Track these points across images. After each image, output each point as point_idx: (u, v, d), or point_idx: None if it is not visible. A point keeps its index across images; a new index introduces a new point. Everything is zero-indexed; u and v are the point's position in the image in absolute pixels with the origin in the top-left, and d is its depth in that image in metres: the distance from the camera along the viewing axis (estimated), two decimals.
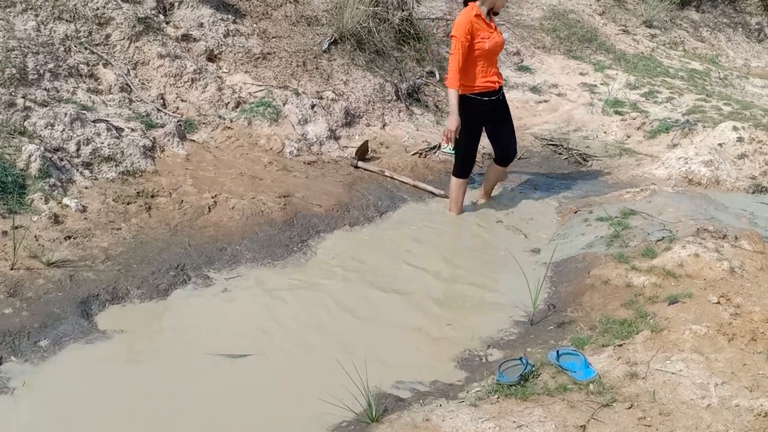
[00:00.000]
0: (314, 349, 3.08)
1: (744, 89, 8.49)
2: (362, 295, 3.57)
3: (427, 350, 3.13)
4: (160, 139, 4.60)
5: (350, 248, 4.08)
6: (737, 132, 5.17)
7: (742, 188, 4.80)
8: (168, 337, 3.12)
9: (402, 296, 3.58)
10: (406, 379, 2.88)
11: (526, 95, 7.27)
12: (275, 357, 3.01)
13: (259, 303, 3.41)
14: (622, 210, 4.26)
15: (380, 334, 3.24)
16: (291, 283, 3.63)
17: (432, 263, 4.02)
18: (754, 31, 11.90)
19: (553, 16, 9.52)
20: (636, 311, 3.14)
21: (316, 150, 5.28)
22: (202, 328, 3.18)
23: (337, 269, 3.83)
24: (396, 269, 3.92)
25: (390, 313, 3.41)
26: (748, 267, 3.37)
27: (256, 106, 5.34)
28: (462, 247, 4.22)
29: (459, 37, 4.08)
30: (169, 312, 3.28)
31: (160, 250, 3.66)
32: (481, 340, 3.19)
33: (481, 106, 4.29)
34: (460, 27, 4.09)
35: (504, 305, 3.52)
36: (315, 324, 3.27)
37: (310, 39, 6.48)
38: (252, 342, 3.10)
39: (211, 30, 5.82)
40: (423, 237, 4.30)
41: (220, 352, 2.98)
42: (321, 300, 3.49)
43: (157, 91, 5.10)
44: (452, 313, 3.43)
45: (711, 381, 2.50)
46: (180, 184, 4.26)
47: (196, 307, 3.34)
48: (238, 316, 3.31)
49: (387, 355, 3.05)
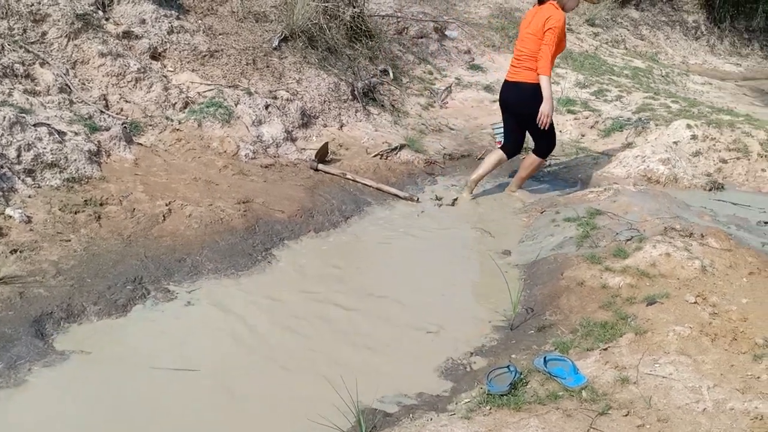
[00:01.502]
0: (291, 363, 2.90)
1: (686, 86, 8.78)
2: (334, 305, 3.40)
3: (409, 361, 3.00)
4: (106, 143, 4.29)
5: (317, 256, 3.91)
6: (691, 130, 5.28)
7: (699, 185, 4.90)
8: (131, 356, 2.87)
9: (376, 304, 3.44)
10: (390, 392, 2.74)
11: (481, 94, 7.25)
12: (250, 374, 2.81)
13: (227, 317, 3.20)
14: (588, 210, 4.26)
15: (357, 345, 3.09)
16: (258, 295, 3.43)
17: (403, 269, 3.90)
18: (691, 29, 12.37)
19: (501, 14, 9.59)
20: (615, 313, 3.11)
21: (272, 152, 5.06)
22: (168, 346, 2.94)
23: (306, 278, 3.65)
24: (367, 276, 3.78)
25: (365, 323, 3.27)
26: (718, 265, 3.41)
27: (206, 107, 5.08)
28: (432, 251, 4.11)
29: (557, 32, 4.37)
30: (130, 329, 3.04)
31: (115, 262, 3.39)
32: (463, 347, 3.09)
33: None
34: (560, 22, 4.39)
35: (481, 310, 3.44)
36: (288, 337, 3.09)
37: (259, 36, 6.24)
38: (223, 359, 2.89)
39: (153, 27, 5.50)
40: (391, 242, 4.18)
41: (190, 370, 2.76)
42: (292, 312, 3.31)
43: (99, 91, 4.76)
44: (430, 321, 3.30)
45: (702, 384, 2.48)
46: (130, 191, 3.98)
47: (159, 323, 3.10)
48: (205, 331, 3.09)
49: (367, 368, 2.91)
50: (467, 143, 6.19)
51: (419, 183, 5.23)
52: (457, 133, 6.38)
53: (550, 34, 4.37)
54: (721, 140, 5.24)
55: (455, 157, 5.83)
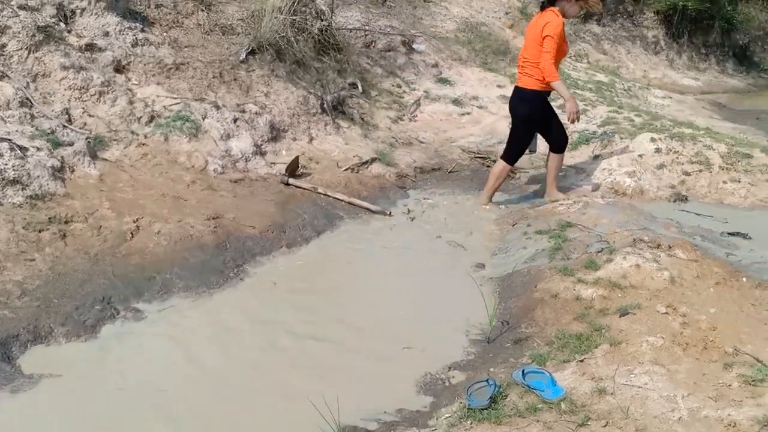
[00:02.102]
0: (267, 383, 2.85)
1: (647, 100, 9.02)
2: (309, 321, 3.36)
3: (387, 376, 2.97)
4: (69, 158, 4.17)
5: (290, 272, 3.86)
6: (655, 143, 5.41)
7: (664, 197, 5.01)
8: (101, 378, 2.77)
9: (352, 320, 3.41)
10: (370, 409, 2.71)
11: (449, 108, 7.32)
12: (223, 395, 2.74)
13: (199, 337, 3.13)
14: (559, 222, 4.31)
15: (334, 362, 3.05)
16: (231, 313, 3.36)
17: (377, 284, 3.88)
18: (651, 43, 12.74)
19: (467, 29, 9.71)
20: (590, 324, 3.14)
21: (242, 167, 5.00)
22: (138, 367, 2.86)
23: (280, 295, 3.60)
24: (341, 292, 3.75)
25: (342, 339, 3.23)
26: (686, 276, 3.48)
27: (173, 121, 4.99)
28: (406, 265, 4.10)
29: (556, 38, 4.46)
30: (100, 351, 2.95)
31: (82, 282, 3.29)
32: (440, 362, 3.07)
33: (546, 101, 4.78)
34: (558, 28, 4.48)
35: (457, 324, 3.43)
36: (263, 357, 3.04)
37: (226, 49, 6.19)
38: (195, 379, 2.82)
39: (117, 39, 5.40)
40: (365, 256, 4.16)
41: (165, 391, 2.68)
42: (266, 330, 3.25)
43: (62, 105, 4.64)
44: (407, 336, 3.28)
45: (677, 393, 2.52)
46: (96, 208, 3.87)
47: (129, 343, 3.01)
48: (176, 351, 3.01)
49: (345, 385, 2.86)
50: (437, 156, 6.23)
51: (391, 196, 5.23)
52: (427, 147, 6.42)
53: (549, 41, 4.47)
54: (684, 153, 5.38)
55: (426, 170, 5.86)
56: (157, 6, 6.13)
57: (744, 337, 2.85)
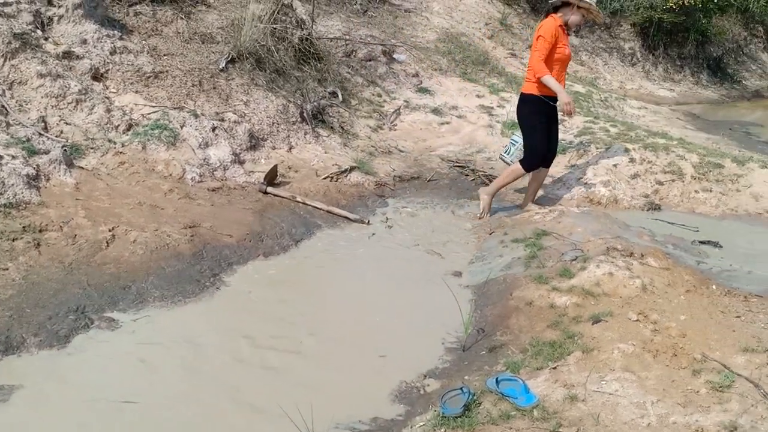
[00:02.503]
0: (241, 393, 2.83)
1: (623, 110, 9.16)
2: (284, 330, 3.36)
3: (362, 386, 2.98)
4: (45, 166, 4.14)
5: (267, 280, 3.86)
6: (629, 153, 5.50)
7: (638, 206, 5.10)
8: (73, 388, 2.74)
9: (326, 329, 3.41)
10: (344, 418, 2.72)
11: (429, 117, 7.37)
12: (197, 405, 2.73)
13: (174, 346, 3.11)
14: (535, 231, 4.37)
15: (308, 372, 3.04)
16: (206, 322, 3.35)
17: (354, 292, 3.89)
18: (628, 55, 12.96)
19: (447, 39, 9.79)
20: (563, 332, 3.19)
21: (220, 175, 4.99)
22: (111, 377, 2.83)
23: (255, 304, 3.59)
24: (317, 301, 3.75)
25: (316, 349, 3.23)
26: (658, 283, 3.54)
27: (151, 129, 4.97)
28: (383, 274, 4.12)
29: (547, 38, 4.61)
30: (73, 361, 2.91)
31: (56, 291, 3.26)
32: (416, 370, 3.10)
33: (546, 108, 4.80)
34: (549, 30, 4.63)
35: (433, 332, 3.45)
36: (238, 366, 3.03)
37: (206, 57, 6.18)
38: (169, 390, 2.80)
39: (95, 47, 5.37)
40: (342, 265, 4.16)
41: (136, 403, 2.66)
42: (241, 339, 3.24)
43: (38, 113, 4.60)
44: (383, 344, 3.30)
45: (647, 399, 2.56)
46: (71, 217, 3.84)
47: (102, 353, 2.98)
48: (150, 361, 2.98)
49: (319, 395, 2.86)
50: (417, 165, 6.26)
51: (370, 205, 5.25)
52: (407, 155, 6.45)
53: (540, 41, 4.65)
54: (657, 163, 5.48)
55: (405, 179, 5.89)
56: (136, 14, 6.12)
57: (713, 343, 2.91)
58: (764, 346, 2.79)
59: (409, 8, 10.92)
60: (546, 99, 4.79)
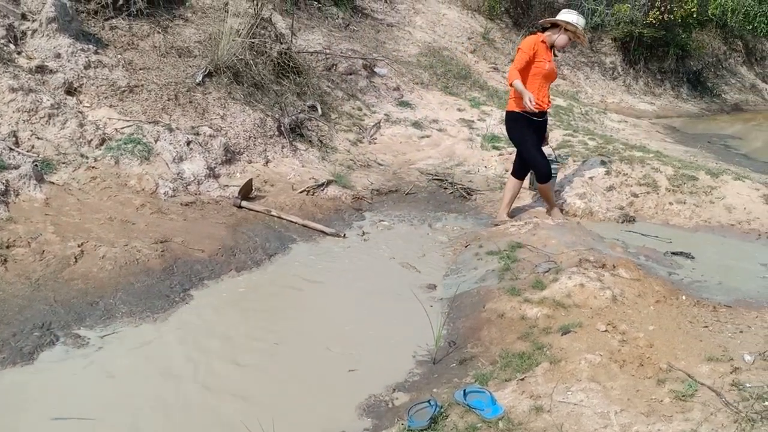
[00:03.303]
0: (204, 409, 2.79)
1: (603, 124, 9.23)
2: (255, 346, 3.32)
3: (331, 400, 2.95)
4: (14, 181, 4.10)
5: (238, 295, 3.82)
6: (605, 166, 5.53)
7: (613, 218, 5.12)
8: (34, 406, 2.69)
9: (299, 344, 3.38)
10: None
11: (409, 130, 7.38)
12: (157, 421, 2.69)
13: (139, 362, 3.06)
14: (510, 243, 4.37)
15: (278, 387, 3.01)
16: (174, 338, 3.31)
17: (328, 306, 3.86)
18: (609, 69, 13.10)
19: (429, 53, 9.86)
20: (532, 343, 3.18)
21: (194, 190, 4.96)
22: (73, 395, 2.78)
23: (225, 319, 3.55)
24: (290, 315, 3.72)
25: (287, 364, 3.20)
26: (628, 294, 3.55)
27: (124, 143, 4.94)
28: (357, 287, 4.09)
29: (524, 50, 4.80)
30: (36, 378, 2.86)
31: (21, 307, 3.22)
32: (385, 383, 3.07)
33: (529, 122, 4.92)
34: (528, 44, 4.84)
35: (405, 345, 3.43)
36: (205, 382, 2.98)
37: (182, 71, 6.17)
38: (131, 406, 2.75)
39: (69, 61, 5.35)
40: (316, 278, 4.14)
41: (96, 420, 2.61)
42: (209, 355, 3.20)
43: (9, 128, 4.56)
44: (353, 358, 3.27)
45: (610, 409, 2.55)
46: (40, 232, 3.79)
47: (67, 370, 2.94)
48: (117, 378, 2.94)
49: (288, 410, 2.84)
50: (395, 178, 6.27)
51: (346, 218, 5.23)
52: (386, 169, 6.46)
53: (518, 53, 4.87)
54: (633, 175, 5.52)
55: (383, 192, 5.89)
56: (112, 28, 6.11)
57: (679, 353, 2.91)
58: (729, 356, 2.79)
59: (392, 22, 11.00)
60: (527, 114, 4.85)
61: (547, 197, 5.16)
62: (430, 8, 12.18)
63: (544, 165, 4.95)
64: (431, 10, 12.11)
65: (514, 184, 5.13)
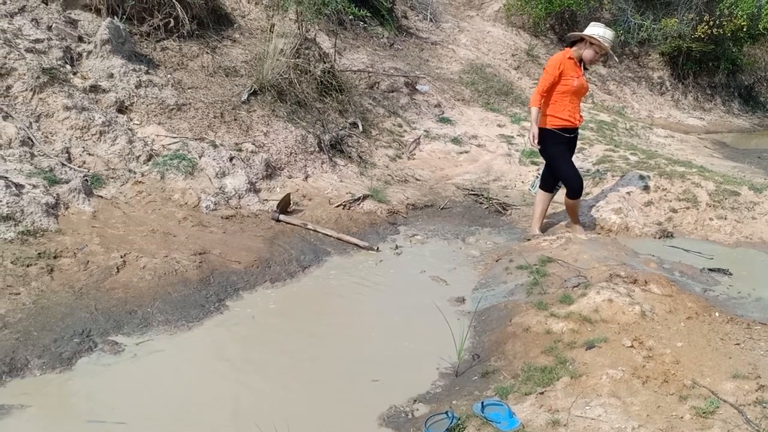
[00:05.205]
0: (232, 416, 2.89)
1: (649, 139, 9.05)
2: (284, 356, 3.42)
3: (352, 410, 3.01)
4: (65, 195, 4.36)
5: (271, 306, 3.94)
6: (644, 180, 5.44)
7: (650, 234, 5.03)
8: (70, 409, 2.85)
9: (326, 354, 3.46)
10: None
11: (448, 146, 7.44)
12: (185, 427, 2.80)
13: (173, 370, 3.20)
14: (540, 258, 4.35)
15: (304, 397, 3.09)
16: (207, 347, 3.44)
17: (357, 318, 3.93)
18: (657, 84, 12.84)
19: (472, 70, 9.91)
20: (556, 357, 3.16)
21: (234, 204, 5.14)
22: (108, 401, 2.92)
23: (257, 330, 3.67)
24: (320, 326, 3.80)
25: (314, 374, 3.27)
26: (658, 310, 3.49)
27: (170, 159, 5.17)
28: (387, 300, 4.15)
29: (549, 71, 4.84)
30: (73, 382, 3.02)
31: (64, 315, 3.41)
32: (407, 395, 3.11)
33: (561, 140, 4.96)
34: (553, 63, 4.88)
35: (430, 357, 3.46)
36: (234, 390, 3.09)
37: (229, 90, 6.43)
38: (163, 413, 2.88)
39: (122, 81, 5.66)
40: (347, 291, 4.22)
41: (127, 424, 2.75)
42: (240, 363, 3.31)
43: (62, 144, 4.86)
44: (378, 369, 3.33)
45: (628, 425, 2.52)
46: (86, 244, 4.02)
47: (102, 376, 3.09)
48: (149, 385, 3.07)
49: (310, 420, 2.90)
50: (431, 193, 6.32)
51: (381, 232, 5.31)
52: (422, 184, 6.52)
53: (543, 74, 4.92)
54: (672, 190, 5.41)
55: (418, 207, 5.95)
56: (163, 49, 6.42)
57: (706, 370, 2.85)
58: (757, 373, 2.72)
59: (437, 41, 11.13)
60: (559, 131, 4.85)
61: (572, 213, 5.13)
62: (475, 26, 12.26)
63: (576, 181, 4.92)
64: (476, 28, 12.19)
65: (543, 198, 5.12)
